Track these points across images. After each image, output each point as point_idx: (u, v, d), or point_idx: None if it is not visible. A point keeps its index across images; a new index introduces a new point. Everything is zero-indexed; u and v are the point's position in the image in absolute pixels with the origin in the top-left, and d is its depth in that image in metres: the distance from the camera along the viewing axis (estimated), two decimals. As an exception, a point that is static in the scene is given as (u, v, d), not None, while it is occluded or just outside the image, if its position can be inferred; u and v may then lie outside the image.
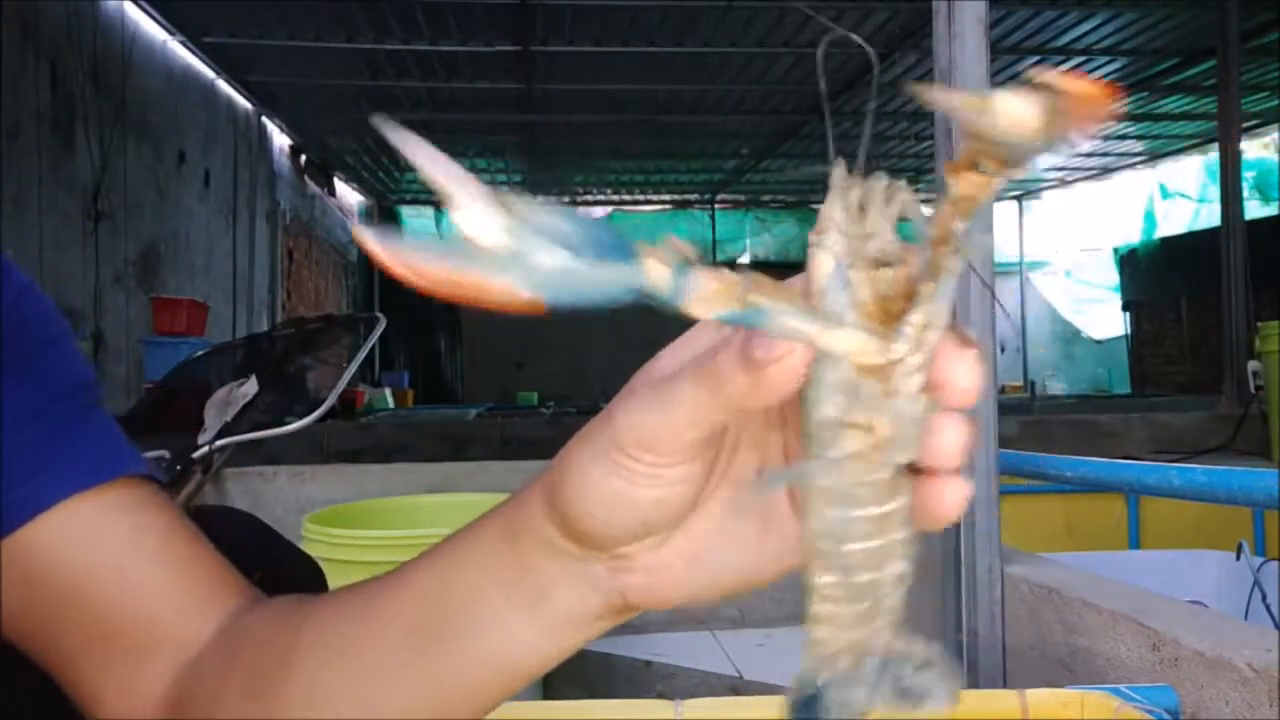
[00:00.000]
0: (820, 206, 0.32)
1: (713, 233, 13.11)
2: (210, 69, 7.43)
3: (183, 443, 2.38)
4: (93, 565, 0.52)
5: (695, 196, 13.03)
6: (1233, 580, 2.06)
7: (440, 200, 0.27)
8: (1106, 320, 12.66)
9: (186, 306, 6.06)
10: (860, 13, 6.62)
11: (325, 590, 0.87)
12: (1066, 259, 13.62)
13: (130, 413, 3.16)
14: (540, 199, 0.27)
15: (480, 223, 0.26)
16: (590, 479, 0.35)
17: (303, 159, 9.85)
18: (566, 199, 13.07)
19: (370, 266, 12.30)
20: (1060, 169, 11.88)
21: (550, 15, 6.60)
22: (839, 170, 0.31)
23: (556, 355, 12.13)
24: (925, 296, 0.30)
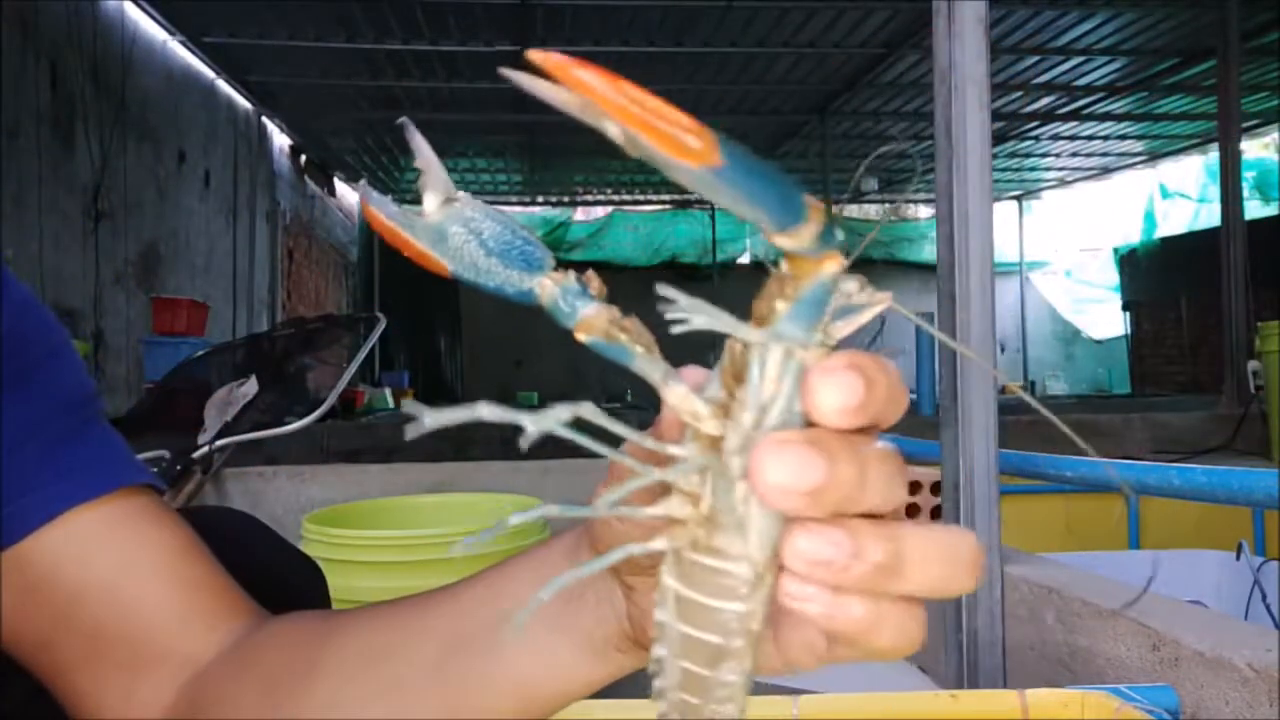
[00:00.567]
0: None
1: (713, 233, 13.09)
2: (210, 69, 7.43)
3: (183, 443, 2.38)
4: (92, 578, 0.52)
5: (695, 196, 13.00)
6: (1233, 580, 2.06)
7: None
8: (1106, 320, 12.66)
9: (186, 306, 6.06)
10: (860, 12, 6.62)
11: (325, 590, 0.87)
12: (1066, 259, 13.61)
13: (130, 413, 3.16)
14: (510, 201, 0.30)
15: (427, 200, 0.34)
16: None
17: (303, 159, 9.85)
18: (566, 199, 13.07)
19: (370, 266, 12.32)
20: (1060, 169, 11.89)
21: (550, 15, 6.61)
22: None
23: (556, 355, 12.12)
24: (750, 380, 0.30)
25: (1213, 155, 9.55)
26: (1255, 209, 9.01)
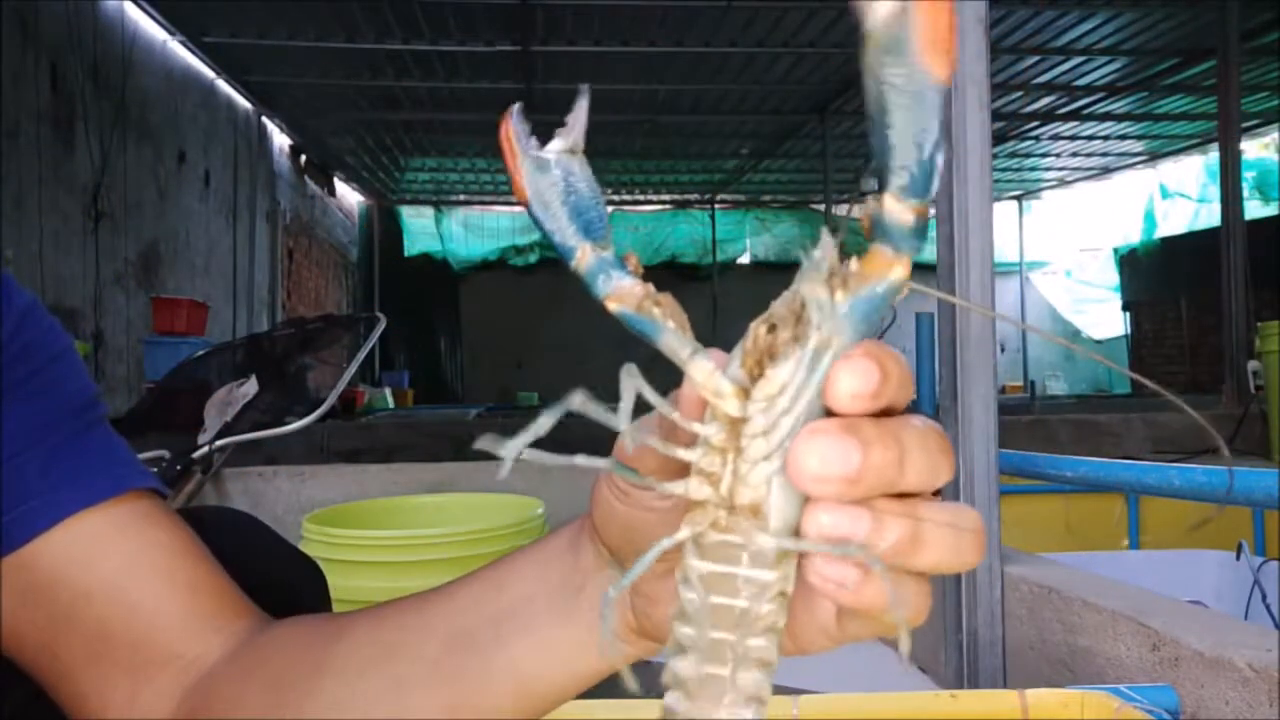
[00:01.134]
0: (818, 208, 0.32)
1: (713, 233, 13.09)
2: (210, 69, 7.43)
3: (183, 443, 2.38)
4: (96, 581, 0.52)
5: (695, 196, 13.02)
6: (1233, 580, 2.06)
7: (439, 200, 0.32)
8: (1106, 320, 12.65)
9: (186, 306, 6.06)
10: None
11: (325, 590, 0.87)
12: (1066, 259, 13.61)
13: (130, 413, 3.16)
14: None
15: (555, 141, 0.35)
16: (600, 496, 0.40)
17: (303, 159, 9.84)
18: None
19: (370, 267, 12.30)
20: (1060, 169, 11.89)
21: (550, 15, 6.60)
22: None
23: (556, 355, 12.12)
24: (783, 362, 0.30)
25: (1213, 155, 9.55)
26: (1255, 209, 9.00)
